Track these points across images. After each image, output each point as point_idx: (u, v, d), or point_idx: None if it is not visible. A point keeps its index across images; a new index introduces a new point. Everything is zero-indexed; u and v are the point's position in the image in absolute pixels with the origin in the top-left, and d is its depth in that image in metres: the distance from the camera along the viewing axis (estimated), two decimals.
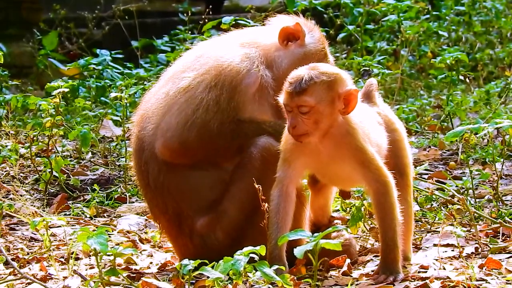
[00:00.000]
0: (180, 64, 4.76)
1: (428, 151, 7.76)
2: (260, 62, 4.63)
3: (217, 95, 4.48)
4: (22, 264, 4.69)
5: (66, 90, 6.31)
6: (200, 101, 4.48)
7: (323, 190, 4.77)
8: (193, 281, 4.14)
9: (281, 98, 4.17)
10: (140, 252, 5.05)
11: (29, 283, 4.31)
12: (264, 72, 4.62)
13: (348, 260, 4.44)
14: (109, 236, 5.14)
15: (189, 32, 11.36)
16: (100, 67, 10.04)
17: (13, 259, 4.70)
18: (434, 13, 12.02)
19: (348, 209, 5.32)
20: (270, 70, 4.67)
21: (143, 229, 5.66)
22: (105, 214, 6.14)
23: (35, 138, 6.50)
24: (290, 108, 4.14)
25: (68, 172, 6.88)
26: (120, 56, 10.85)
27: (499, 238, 4.93)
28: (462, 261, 4.46)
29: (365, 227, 5.15)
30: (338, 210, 5.43)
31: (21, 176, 6.72)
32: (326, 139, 4.18)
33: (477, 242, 4.79)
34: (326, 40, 4.90)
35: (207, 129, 4.45)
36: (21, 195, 6.16)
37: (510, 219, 5.23)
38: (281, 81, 4.24)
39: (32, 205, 5.97)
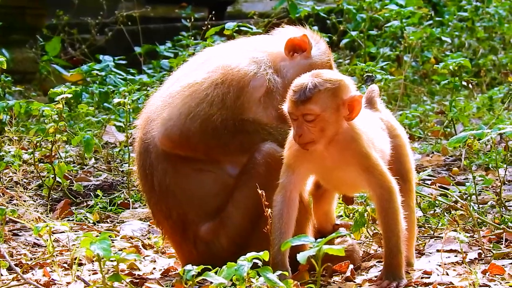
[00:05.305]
0: (186, 68, 4.76)
1: (431, 157, 7.76)
2: (267, 66, 4.63)
3: (223, 93, 4.45)
4: (25, 270, 4.69)
5: (69, 96, 6.32)
6: (205, 96, 4.46)
7: (324, 196, 4.77)
8: (196, 287, 4.14)
9: (286, 107, 4.15)
10: (143, 258, 5.04)
11: None
12: (271, 76, 4.61)
13: (351, 266, 4.44)
14: (112, 242, 5.16)
15: (192, 38, 11.37)
16: (103, 73, 10.05)
17: (16, 265, 4.70)
18: (437, 19, 12.04)
19: (351, 214, 5.32)
20: (278, 76, 4.66)
21: (146, 234, 5.66)
22: (108, 220, 6.14)
23: (38, 144, 6.50)
24: (295, 116, 4.12)
25: (71, 177, 6.88)
26: (123, 62, 10.86)
27: (502, 244, 4.93)
28: (465, 267, 4.45)
29: (368, 232, 5.14)
30: (341, 216, 5.43)
31: (25, 182, 6.72)
32: (331, 145, 4.17)
33: (480, 248, 4.78)
34: (331, 52, 4.89)
35: (210, 122, 4.42)
36: (24, 201, 6.17)
37: None
38: (286, 90, 4.22)
39: (35, 210, 5.97)
